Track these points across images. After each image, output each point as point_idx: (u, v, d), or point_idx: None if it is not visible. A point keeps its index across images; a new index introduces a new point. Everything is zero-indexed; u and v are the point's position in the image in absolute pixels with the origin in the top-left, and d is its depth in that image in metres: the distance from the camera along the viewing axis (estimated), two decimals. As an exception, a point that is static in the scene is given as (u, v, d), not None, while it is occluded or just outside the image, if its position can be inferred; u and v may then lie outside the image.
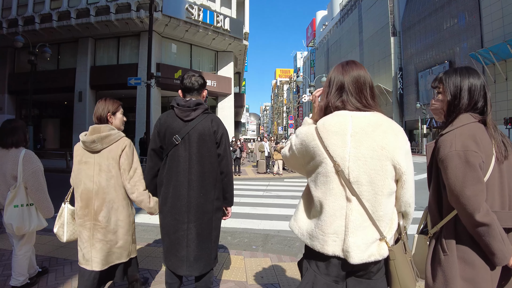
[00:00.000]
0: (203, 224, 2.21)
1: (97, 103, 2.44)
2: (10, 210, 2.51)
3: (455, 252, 1.32)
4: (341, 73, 1.41)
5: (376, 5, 43.88)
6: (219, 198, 2.29)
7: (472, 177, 1.25)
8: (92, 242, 2.23)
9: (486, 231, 1.23)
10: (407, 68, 40.17)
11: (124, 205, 2.33)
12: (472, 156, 1.26)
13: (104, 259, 2.25)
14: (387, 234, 1.32)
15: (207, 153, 2.22)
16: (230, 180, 2.34)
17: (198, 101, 2.26)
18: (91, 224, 2.24)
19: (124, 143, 2.33)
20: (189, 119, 2.20)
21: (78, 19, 17.70)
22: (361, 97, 1.38)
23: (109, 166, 2.27)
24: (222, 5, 21.12)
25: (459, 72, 1.45)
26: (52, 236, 4.27)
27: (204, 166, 2.21)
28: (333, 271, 1.34)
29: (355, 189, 1.29)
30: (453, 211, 1.35)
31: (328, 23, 68.53)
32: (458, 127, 1.35)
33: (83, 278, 2.26)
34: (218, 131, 2.25)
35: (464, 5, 30.78)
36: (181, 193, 2.18)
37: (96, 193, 2.25)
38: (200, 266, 2.20)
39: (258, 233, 4.89)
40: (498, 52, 25.00)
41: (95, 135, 2.27)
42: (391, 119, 1.37)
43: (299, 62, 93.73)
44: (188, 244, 2.18)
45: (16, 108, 21.37)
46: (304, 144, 1.38)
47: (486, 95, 1.41)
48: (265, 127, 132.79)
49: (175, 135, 2.18)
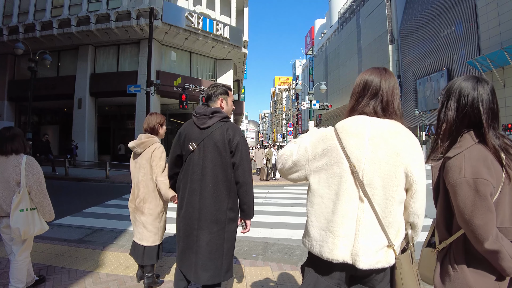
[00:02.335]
0: (213, 234, 2.19)
1: (150, 115, 3.09)
2: (16, 215, 2.55)
3: (465, 269, 1.28)
4: (380, 79, 1.41)
5: (374, 13, 44.30)
6: (233, 208, 2.26)
7: (482, 206, 1.19)
8: (134, 221, 2.98)
9: (495, 255, 1.20)
10: (405, 75, 40.40)
11: (153, 197, 2.90)
12: (482, 184, 1.18)
13: (140, 237, 2.91)
14: (395, 241, 1.31)
15: (221, 162, 2.20)
16: (248, 190, 2.27)
17: (215, 109, 2.28)
18: (134, 206, 2.95)
19: (154, 146, 2.92)
20: (205, 126, 2.23)
21: (78, 27, 17.81)
22: (389, 105, 1.39)
23: (144, 165, 2.91)
24: (221, 13, 21.29)
25: (460, 81, 1.38)
26: (50, 244, 4.23)
27: (217, 175, 2.20)
28: (336, 274, 1.32)
29: (368, 191, 1.29)
30: (461, 230, 1.30)
31: (327, 31, 69.06)
32: (466, 149, 1.25)
33: (132, 245, 3.03)
34: (233, 139, 2.21)
35: (461, 13, 31.12)
36: (194, 200, 2.21)
37: (136, 185, 2.96)
38: (206, 276, 2.18)
39: (258, 241, 4.85)
40: (496, 59, 25.20)
41: (135, 142, 2.95)
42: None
43: (298, 70, 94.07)
44: (197, 251, 2.19)
45: (16, 115, 21.37)
46: (322, 141, 1.38)
47: (479, 110, 1.27)
48: (264, 134, 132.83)
49: (191, 142, 2.24)
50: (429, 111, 34.45)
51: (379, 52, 43.27)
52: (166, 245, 4.44)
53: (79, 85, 18.89)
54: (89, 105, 18.92)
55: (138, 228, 2.93)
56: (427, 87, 35.55)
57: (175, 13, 17.72)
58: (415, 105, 37.16)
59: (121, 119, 22.19)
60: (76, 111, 18.98)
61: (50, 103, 21.31)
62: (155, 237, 2.93)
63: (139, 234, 2.92)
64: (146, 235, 2.89)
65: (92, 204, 7.75)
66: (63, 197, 8.78)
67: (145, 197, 2.89)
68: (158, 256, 3.00)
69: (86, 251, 4.01)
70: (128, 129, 20.24)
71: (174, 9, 17.81)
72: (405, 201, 1.34)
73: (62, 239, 4.61)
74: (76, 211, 6.87)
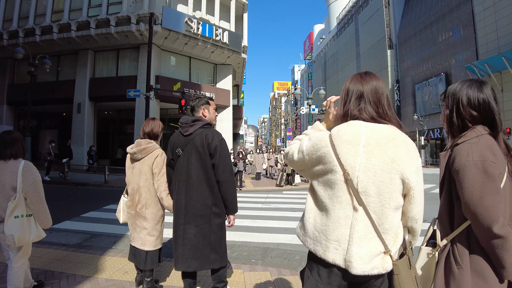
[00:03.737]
0: (198, 226, 2.50)
1: (152, 121, 3.08)
2: (11, 221, 2.50)
3: (469, 265, 1.29)
4: (360, 83, 1.43)
5: (372, 19, 44.58)
6: (217, 204, 2.54)
7: (491, 188, 1.22)
8: (134, 226, 2.95)
9: (500, 243, 1.21)
10: (404, 80, 40.55)
11: (156, 201, 2.93)
12: (490, 166, 1.23)
13: (141, 242, 2.89)
14: (392, 247, 1.31)
15: (202, 163, 2.51)
16: (227, 188, 2.54)
17: (195, 118, 2.62)
18: (134, 212, 2.94)
19: (156, 153, 2.94)
20: (187, 134, 2.55)
21: (78, 31, 17.83)
22: (378, 107, 1.40)
23: (145, 171, 2.91)
24: (221, 19, 21.40)
25: (461, 84, 1.45)
26: (48, 248, 4.22)
27: (200, 175, 2.51)
28: (334, 281, 1.33)
29: (363, 199, 1.29)
30: (465, 223, 1.32)
31: (325, 37, 69.37)
32: (474, 137, 1.32)
33: (130, 251, 3.04)
34: (212, 143, 2.50)
35: (458, 18, 31.34)
36: (180, 198, 2.55)
37: (137, 190, 2.93)
38: (194, 264, 2.50)
39: (257, 246, 4.84)
40: (493, 64, 25.32)
41: (136, 148, 2.92)
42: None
43: (296, 75, 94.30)
44: (184, 243, 2.50)
45: (15, 119, 21.33)
46: (316, 147, 1.39)
47: (491, 109, 1.38)
48: (263, 139, 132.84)
49: (177, 148, 2.58)
50: (428, 116, 34.54)
51: (377, 57, 43.47)
52: (165, 250, 4.43)
53: (78, 89, 18.88)
54: (88, 109, 18.90)
55: (140, 234, 2.92)
56: (425, 91, 35.67)
57: (175, 18, 17.79)
58: (413, 110, 37.27)
59: (120, 123, 22.15)
60: (75, 115, 18.95)
61: (49, 108, 21.30)
62: (157, 241, 2.96)
63: (140, 239, 2.91)
64: (148, 239, 2.91)
65: (91, 208, 7.72)
66: (61, 201, 8.75)
67: (148, 202, 2.91)
68: (159, 260, 3.01)
69: (85, 256, 4.00)
70: (127, 133, 20.22)
71: (173, 15, 17.88)
72: (403, 207, 1.34)
73: (60, 244, 4.60)
74: (75, 216, 6.86)
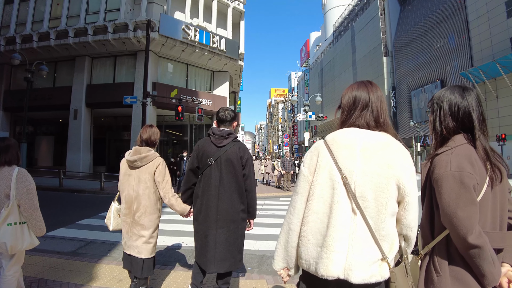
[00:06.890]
0: (230, 231, 2.69)
1: (148, 128, 3.04)
2: (3, 229, 2.45)
3: (448, 273, 1.30)
4: (367, 92, 1.45)
5: (368, 26, 45.08)
6: (244, 210, 2.77)
7: (466, 199, 1.23)
8: (130, 235, 2.89)
9: (477, 253, 1.22)
10: (399, 87, 40.90)
11: (155, 209, 2.93)
12: (467, 177, 1.24)
13: (138, 250, 2.85)
14: (389, 254, 1.30)
15: (234, 173, 2.72)
16: (253, 197, 2.82)
17: (229, 131, 2.83)
18: (131, 221, 2.89)
19: (158, 161, 2.92)
20: (221, 145, 2.75)
21: (75, 38, 17.85)
22: (380, 115, 1.42)
23: (146, 179, 2.87)
24: (218, 26, 21.52)
25: (445, 90, 1.47)
26: (42, 256, 4.16)
27: (231, 183, 2.71)
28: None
29: (360, 204, 1.29)
30: (445, 231, 1.33)
31: (322, 44, 69.99)
32: (454, 147, 1.34)
33: (125, 259, 2.98)
34: (244, 156, 2.77)
35: (453, 26, 31.79)
36: (212, 204, 2.69)
37: (135, 198, 2.88)
38: (225, 265, 2.67)
39: (253, 253, 4.81)
40: (488, 71, 25.64)
41: (136, 155, 2.88)
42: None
43: (293, 82, 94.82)
44: (216, 246, 2.66)
45: (10, 125, 21.19)
46: (314, 157, 1.40)
47: (471, 117, 1.37)
48: (261, 145, 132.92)
49: (209, 158, 2.73)
50: (423, 122, 34.78)
51: (373, 64, 43.87)
52: (160, 258, 4.39)
53: (75, 96, 18.85)
54: (85, 116, 18.84)
55: (136, 242, 2.87)
56: (421, 98, 35.98)
57: (172, 25, 17.88)
58: (409, 116, 37.54)
59: (116, 130, 22.10)
60: (72, 121, 18.87)
61: (45, 114, 21.21)
62: (153, 248, 2.94)
63: (136, 248, 2.86)
64: (145, 247, 2.88)
65: (86, 215, 7.64)
66: (56, 208, 8.67)
67: (147, 210, 2.88)
68: (153, 267, 2.99)
69: (79, 264, 3.94)
70: (124, 140, 20.15)
71: (171, 22, 17.97)
72: (398, 214, 1.34)
73: (54, 252, 4.54)
74: (70, 223, 6.79)
